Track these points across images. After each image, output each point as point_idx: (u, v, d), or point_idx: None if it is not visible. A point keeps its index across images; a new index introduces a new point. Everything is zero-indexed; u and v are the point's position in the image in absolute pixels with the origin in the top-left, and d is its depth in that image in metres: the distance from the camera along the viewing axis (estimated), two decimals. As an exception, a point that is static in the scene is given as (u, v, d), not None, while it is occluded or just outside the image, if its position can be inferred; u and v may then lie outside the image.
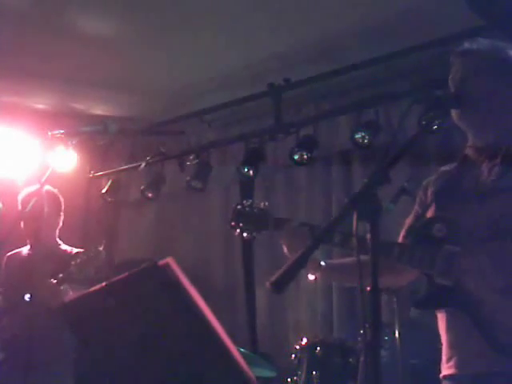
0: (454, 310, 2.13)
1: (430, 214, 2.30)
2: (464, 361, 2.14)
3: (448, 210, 2.23)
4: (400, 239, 2.44)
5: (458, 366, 2.15)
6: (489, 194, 2.17)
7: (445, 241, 2.14)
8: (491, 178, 2.20)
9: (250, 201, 2.65)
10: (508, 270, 2.05)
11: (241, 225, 2.62)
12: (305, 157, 5.04)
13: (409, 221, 2.46)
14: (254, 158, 5.32)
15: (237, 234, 2.63)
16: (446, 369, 2.20)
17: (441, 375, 2.24)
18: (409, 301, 3.90)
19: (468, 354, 2.12)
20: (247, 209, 2.62)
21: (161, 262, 1.94)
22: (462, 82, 2.20)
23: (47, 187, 4.14)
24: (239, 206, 2.64)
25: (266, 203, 2.62)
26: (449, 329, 2.20)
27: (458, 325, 2.16)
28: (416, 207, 2.44)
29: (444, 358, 2.22)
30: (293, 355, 4.08)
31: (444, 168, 2.42)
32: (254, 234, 2.61)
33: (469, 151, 2.32)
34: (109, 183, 6.07)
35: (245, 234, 2.61)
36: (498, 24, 3.98)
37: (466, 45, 2.29)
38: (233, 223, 2.64)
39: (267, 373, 4.46)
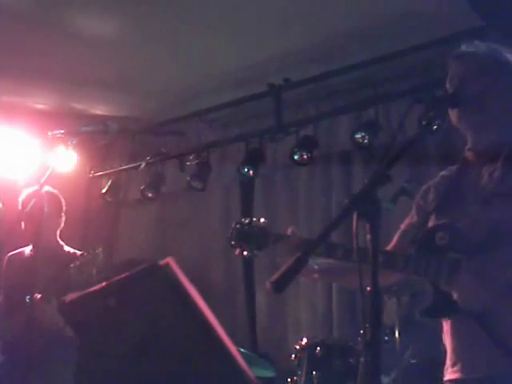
0: (460, 316, 2.12)
1: (431, 220, 2.29)
2: (470, 365, 2.13)
3: (449, 215, 2.22)
4: (393, 243, 2.44)
5: (463, 370, 2.14)
6: (490, 198, 2.17)
7: (448, 248, 2.14)
8: (492, 181, 2.20)
9: (249, 219, 2.61)
10: (511, 272, 2.05)
11: (241, 244, 2.59)
12: (305, 157, 5.04)
13: (403, 227, 2.45)
14: (254, 158, 5.32)
15: (237, 253, 2.60)
16: (451, 373, 2.19)
17: (444, 379, 2.23)
18: (410, 302, 3.91)
19: (474, 359, 2.11)
20: (246, 227, 2.58)
21: (161, 262, 1.94)
22: (461, 84, 2.20)
23: (47, 188, 4.13)
24: (238, 225, 2.60)
25: (266, 220, 2.60)
26: (453, 333, 2.20)
27: (462, 329, 2.15)
28: (412, 213, 2.44)
29: (448, 362, 2.21)
30: (293, 355, 4.08)
31: (443, 173, 2.41)
32: (256, 252, 2.59)
33: (468, 154, 2.32)
34: (109, 183, 6.07)
35: (245, 253, 2.59)
36: (498, 24, 3.98)
37: (463, 47, 2.29)
38: (233, 242, 2.61)
39: (267, 373, 4.46)
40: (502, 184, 2.18)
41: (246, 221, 2.59)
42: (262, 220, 2.58)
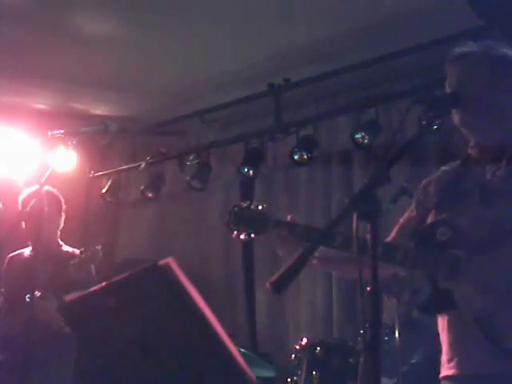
0: (456, 312, 2.12)
1: (431, 215, 2.28)
2: (466, 361, 2.13)
3: (450, 212, 2.21)
4: (391, 237, 2.43)
5: (459, 366, 2.14)
6: (492, 196, 2.16)
7: (448, 244, 2.13)
8: (495, 180, 2.19)
9: (248, 202, 2.61)
10: (511, 273, 2.04)
11: (239, 227, 2.57)
12: (305, 157, 5.04)
13: (402, 221, 2.45)
14: (254, 158, 5.32)
15: (234, 235, 2.59)
16: (447, 369, 2.19)
17: (440, 375, 2.23)
18: (410, 301, 3.91)
19: (470, 355, 2.11)
20: (245, 211, 2.56)
21: (161, 262, 1.94)
22: (460, 85, 2.20)
23: (47, 188, 4.13)
24: (237, 208, 2.59)
25: (265, 205, 2.58)
26: (450, 330, 2.20)
27: (459, 326, 2.15)
28: (412, 207, 2.43)
29: (444, 358, 2.21)
30: (293, 355, 4.08)
31: (445, 168, 2.39)
32: (253, 236, 2.57)
33: (472, 151, 2.31)
34: (109, 183, 6.08)
35: (242, 236, 2.57)
36: (497, 24, 3.98)
37: (458, 49, 2.28)
38: (231, 225, 2.60)
39: (267, 373, 4.46)
40: (505, 183, 2.17)
41: (245, 204, 2.57)
42: (262, 204, 2.56)
